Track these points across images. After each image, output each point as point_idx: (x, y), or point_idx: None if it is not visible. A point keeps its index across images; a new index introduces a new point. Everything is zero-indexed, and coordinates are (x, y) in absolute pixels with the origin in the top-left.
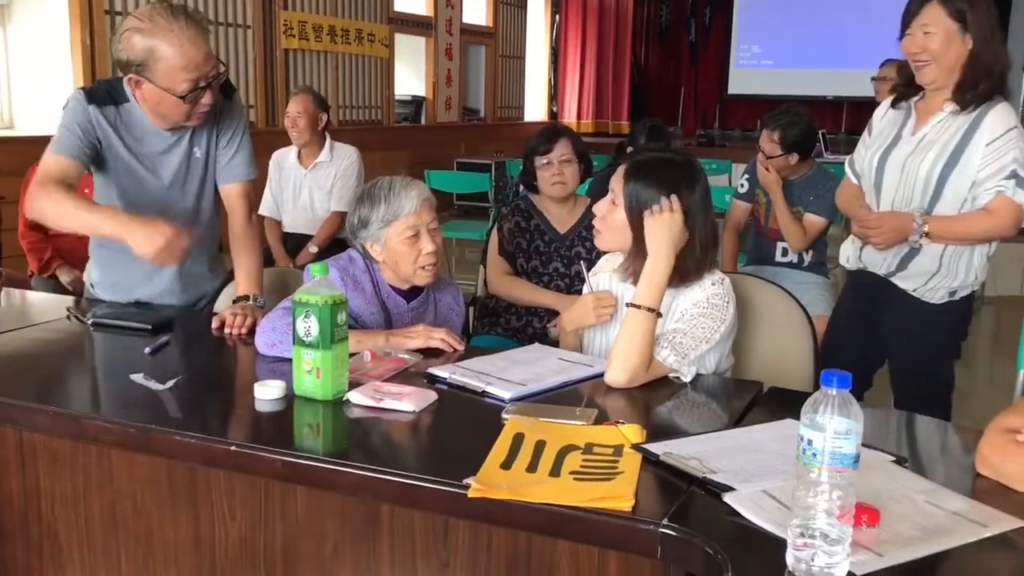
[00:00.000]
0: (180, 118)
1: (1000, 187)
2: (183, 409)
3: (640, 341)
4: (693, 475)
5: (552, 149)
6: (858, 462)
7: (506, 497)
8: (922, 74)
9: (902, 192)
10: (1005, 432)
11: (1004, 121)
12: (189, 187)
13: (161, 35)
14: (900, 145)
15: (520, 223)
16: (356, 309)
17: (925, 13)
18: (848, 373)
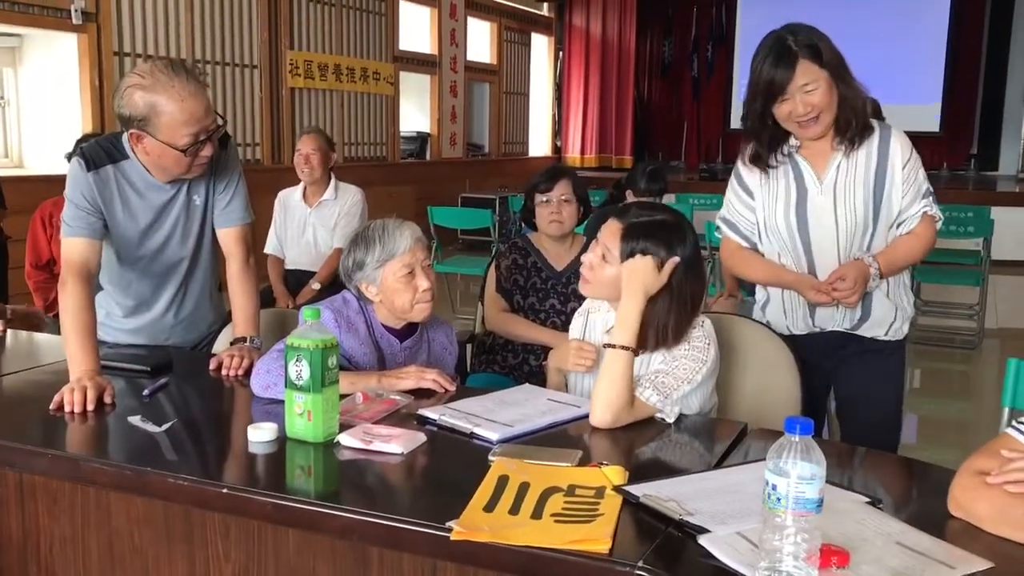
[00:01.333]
0: (181, 171)
1: (924, 208)
2: (178, 451)
3: (620, 380)
4: (671, 517)
5: (552, 188)
6: (821, 506)
7: (488, 540)
8: (811, 131)
9: (845, 240)
10: (976, 474)
11: (906, 141)
12: (189, 234)
13: (162, 91)
14: (813, 197)
15: (517, 260)
16: (350, 350)
17: (800, 74)
18: (811, 420)
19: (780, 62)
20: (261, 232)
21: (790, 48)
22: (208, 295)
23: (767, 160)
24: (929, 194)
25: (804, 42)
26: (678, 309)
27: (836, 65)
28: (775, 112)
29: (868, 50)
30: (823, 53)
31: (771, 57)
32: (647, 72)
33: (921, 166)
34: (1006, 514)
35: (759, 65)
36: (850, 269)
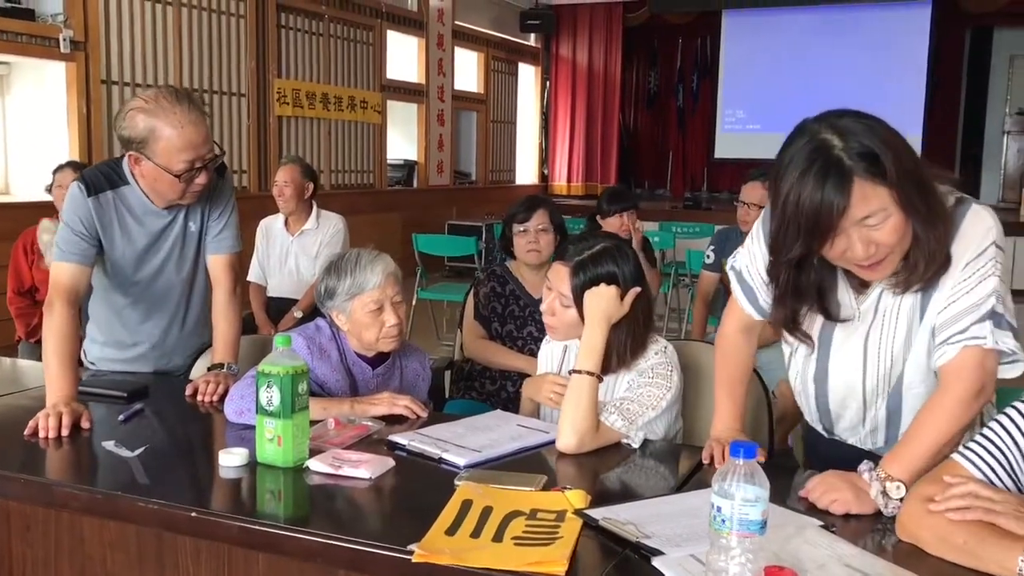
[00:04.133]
0: (175, 196)
1: (973, 336)
2: (150, 476)
3: (585, 405)
4: (628, 539)
5: (530, 218)
6: (765, 528)
7: (448, 562)
8: (876, 275)
9: (872, 385)
10: (922, 501)
11: (984, 230)
12: (185, 260)
13: (164, 116)
14: (840, 338)
15: (496, 288)
16: (322, 376)
17: (859, 201)
18: (755, 444)
19: (826, 182)
20: (244, 260)
21: (840, 162)
22: (205, 320)
23: (804, 325)
24: (991, 318)
25: (859, 150)
26: (634, 329)
27: (909, 183)
28: (820, 251)
29: (850, 82)
30: (889, 167)
31: (813, 175)
32: (633, 102)
33: (996, 275)
34: (947, 541)
35: (794, 189)
36: (829, 483)
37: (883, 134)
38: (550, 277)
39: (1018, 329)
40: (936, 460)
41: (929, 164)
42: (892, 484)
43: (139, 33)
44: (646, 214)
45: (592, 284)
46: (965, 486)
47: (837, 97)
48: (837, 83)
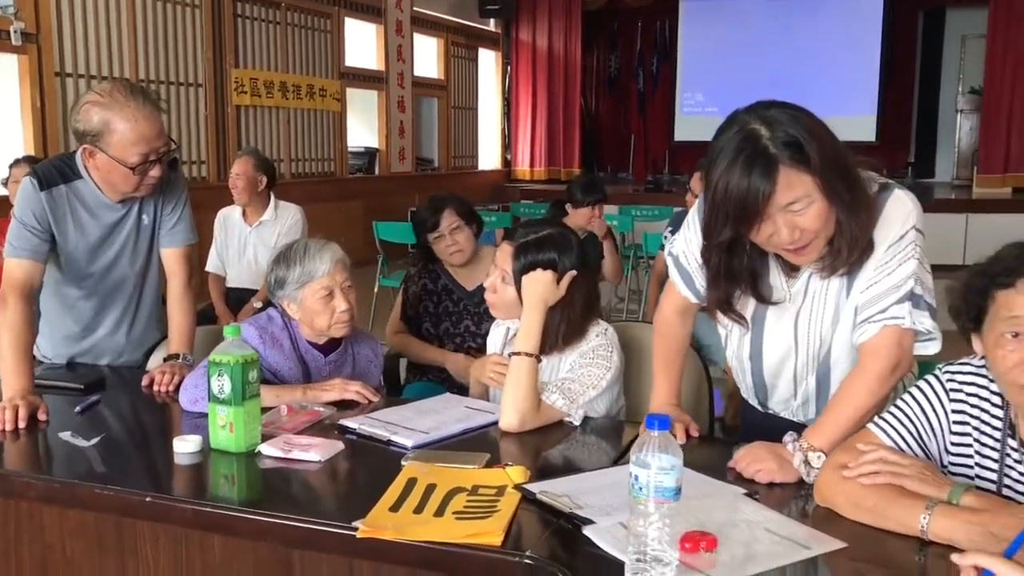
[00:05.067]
0: (129, 188)
1: (893, 316)
2: (107, 464)
3: (525, 385)
4: (562, 510)
5: (440, 222)
6: (679, 494)
7: (390, 537)
8: (802, 258)
9: (803, 362)
10: (837, 468)
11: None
12: (139, 252)
13: (118, 109)
14: (773, 315)
15: (428, 285)
16: (275, 364)
17: (784, 188)
18: (668, 417)
19: (752, 169)
20: (203, 250)
21: (766, 150)
22: (158, 313)
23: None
24: (909, 299)
25: (784, 139)
26: (570, 315)
27: (832, 170)
28: (748, 236)
29: (807, 64)
30: (813, 155)
31: (740, 163)
32: (594, 86)
33: (915, 258)
34: (859, 504)
35: (723, 176)
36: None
37: (808, 124)
38: (497, 255)
39: (936, 308)
40: (855, 431)
41: (853, 152)
42: (814, 454)
43: (93, 24)
44: (609, 198)
45: (530, 268)
46: (876, 452)
47: (794, 80)
48: (793, 66)
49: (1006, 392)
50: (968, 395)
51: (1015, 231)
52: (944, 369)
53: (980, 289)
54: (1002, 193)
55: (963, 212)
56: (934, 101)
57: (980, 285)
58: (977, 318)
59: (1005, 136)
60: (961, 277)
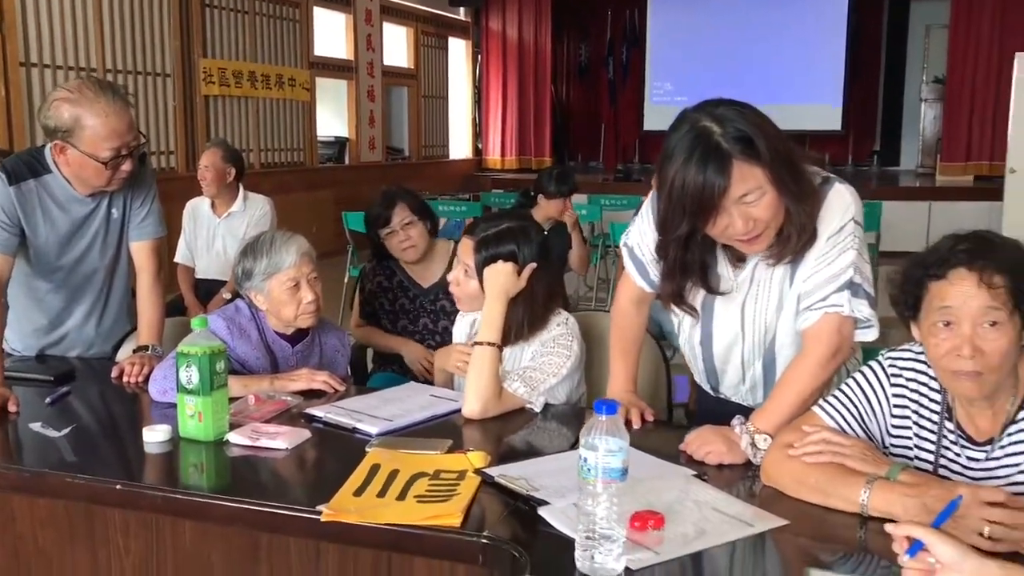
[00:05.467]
0: (101, 183)
1: (833, 304)
2: (77, 453)
3: (487, 373)
4: (519, 493)
5: (392, 217)
6: (626, 475)
7: (353, 520)
8: (755, 248)
9: (749, 348)
10: (783, 448)
11: (845, 207)
12: (108, 245)
13: (88, 105)
14: (721, 302)
15: (383, 283)
16: (243, 355)
17: (737, 181)
18: (616, 402)
19: (707, 165)
20: (172, 241)
21: (719, 146)
22: (127, 306)
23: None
24: (848, 288)
25: (735, 134)
26: (532, 305)
27: (780, 163)
28: (704, 229)
29: (773, 54)
30: (762, 149)
31: (695, 160)
32: (565, 74)
33: (854, 248)
34: (803, 482)
35: (678, 173)
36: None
37: (755, 119)
38: (459, 250)
39: (875, 296)
40: (799, 414)
41: (798, 146)
42: (760, 436)
43: (58, 13)
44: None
45: (491, 261)
46: (820, 433)
47: (761, 70)
48: (760, 56)
49: (940, 378)
50: (908, 380)
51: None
52: (886, 355)
53: (916, 279)
54: (964, 181)
55: (926, 200)
56: (899, 90)
57: (916, 276)
58: (914, 307)
59: (967, 125)
60: (900, 267)
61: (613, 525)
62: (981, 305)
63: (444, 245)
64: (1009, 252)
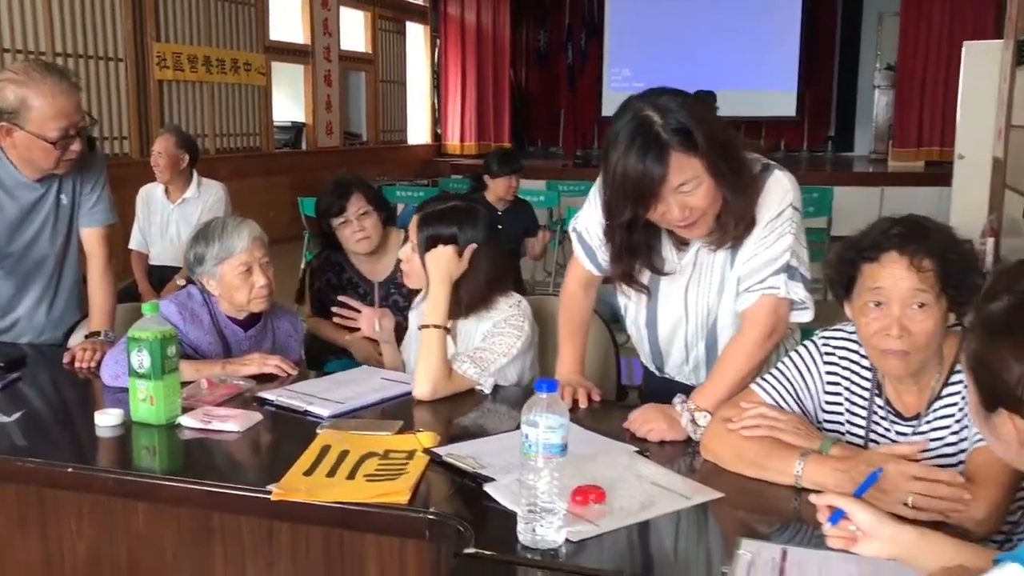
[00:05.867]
0: (49, 165)
1: (770, 286)
2: (28, 438)
3: (435, 355)
4: (466, 470)
5: (347, 207)
6: (565, 450)
7: (303, 499)
8: (693, 233)
9: (692, 329)
10: (721, 423)
11: (783, 194)
12: (58, 232)
13: (34, 86)
14: (666, 282)
15: (332, 279)
16: (195, 340)
17: (675, 171)
18: (556, 381)
19: (647, 154)
20: (126, 227)
21: (658, 137)
22: (78, 292)
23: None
24: (785, 271)
25: (675, 125)
26: (474, 285)
27: (718, 153)
28: (645, 215)
29: (729, 40)
30: (700, 140)
31: (636, 149)
32: (524, 60)
33: (791, 233)
34: (741, 456)
35: (620, 160)
36: (646, 415)
37: (696, 110)
38: (409, 227)
39: (810, 280)
40: (737, 391)
41: (740, 136)
42: (700, 414)
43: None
44: (537, 173)
45: (431, 241)
46: (757, 409)
47: (717, 56)
48: (717, 42)
49: (870, 356)
50: (840, 358)
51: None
52: (820, 335)
53: (850, 261)
54: (915, 167)
55: (878, 185)
56: (853, 77)
57: (850, 257)
58: (848, 287)
59: (918, 112)
60: (836, 249)
61: (554, 499)
62: (910, 287)
63: (397, 236)
64: (939, 238)
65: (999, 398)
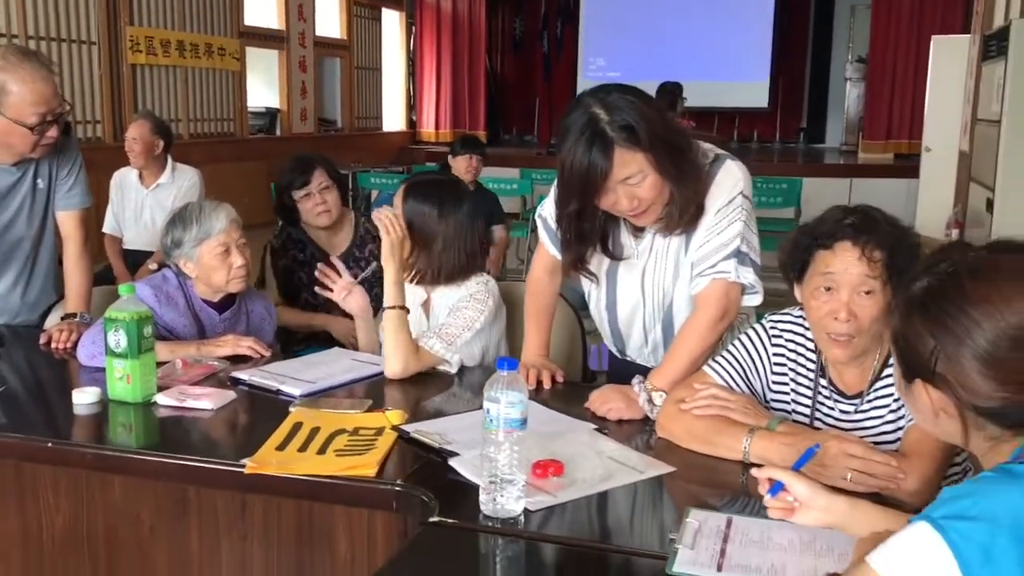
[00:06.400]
0: (27, 149)
1: (721, 271)
2: (6, 414)
3: (401, 334)
4: (432, 446)
5: (310, 180)
6: (525, 424)
7: (275, 472)
8: (642, 221)
9: (650, 312)
10: (675, 403)
11: (733, 183)
12: (35, 215)
13: (12, 72)
14: (624, 267)
15: (297, 256)
16: (170, 322)
17: (619, 165)
18: (516, 360)
19: (592, 149)
20: (100, 212)
21: (604, 133)
22: (54, 275)
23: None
24: (735, 256)
25: (620, 123)
26: (456, 255)
27: (662, 148)
28: (595, 204)
29: (703, 31)
30: (644, 136)
31: (582, 144)
32: (500, 48)
33: (742, 220)
34: (693, 434)
35: (568, 154)
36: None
37: (642, 109)
38: (394, 198)
39: (760, 265)
40: (691, 371)
41: (693, 129)
42: (656, 393)
43: None
44: (511, 161)
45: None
46: (708, 390)
47: (690, 47)
48: (690, 34)
49: (817, 338)
50: (787, 341)
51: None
52: (768, 319)
53: (805, 246)
54: (884, 159)
55: (847, 177)
56: (825, 69)
57: (805, 243)
58: (801, 271)
59: (888, 104)
60: (791, 235)
61: (514, 471)
62: (860, 275)
63: (349, 215)
64: (889, 230)
65: (915, 370)
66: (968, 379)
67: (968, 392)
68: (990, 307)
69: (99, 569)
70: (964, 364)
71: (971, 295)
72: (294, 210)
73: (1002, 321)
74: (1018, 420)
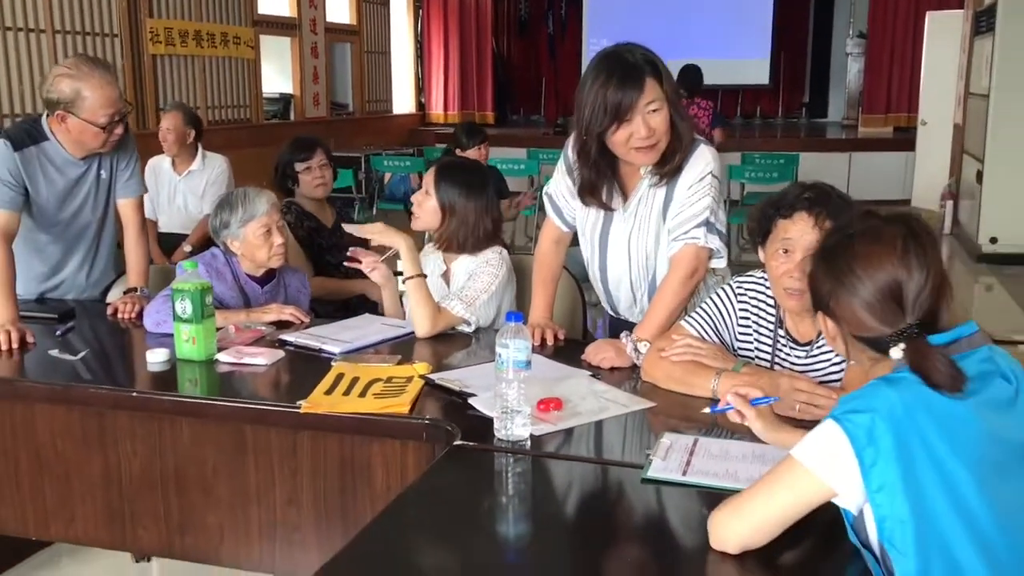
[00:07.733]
0: (97, 145)
1: (692, 237)
2: (93, 372)
3: (423, 299)
4: (454, 390)
5: (312, 156)
6: (529, 365)
7: (326, 411)
8: (648, 157)
9: (637, 273)
10: (656, 351)
11: (706, 162)
12: (99, 203)
13: (85, 79)
14: (616, 222)
15: (311, 225)
16: (220, 294)
17: (647, 92)
18: (521, 313)
19: (627, 80)
20: None
21: (635, 65)
22: (114, 256)
23: (604, 198)
24: (704, 225)
25: (645, 58)
26: (478, 228)
27: (672, 90)
28: (610, 139)
29: (705, 8)
30: (663, 73)
31: (616, 77)
32: (506, 30)
33: (711, 195)
34: (671, 376)
35: (600, 89)
36: (598, 346)
37: (656, 57)
38: (426, 176)
39: (725, 234)
40: (670, 323)
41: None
42: (640, 344)
43: None
44: (518, 141)
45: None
46: (684, 340)
47: (692, 25)
48: (691, 11)
49: (775, 293)
50: (751, 298)
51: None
52: (735, 279)
53: (769, 216)
54: (884, 132)
55: (847, 151)
56: (827, 44)
57: (769, 213)
58: (764, 236)
59: (887, 78)
60: (757, 206)
61: (521, 404)
62: (812, 240)
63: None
64: (840, 204)
65: (818, 304)
66: (851, 316)
67: (851, 325)
68: (868, 265)
69: (171, 505)
70: (848, 305)
71: (857, 254)
72: (295, 180)
73: (876, 276)
74: (885, 348)
